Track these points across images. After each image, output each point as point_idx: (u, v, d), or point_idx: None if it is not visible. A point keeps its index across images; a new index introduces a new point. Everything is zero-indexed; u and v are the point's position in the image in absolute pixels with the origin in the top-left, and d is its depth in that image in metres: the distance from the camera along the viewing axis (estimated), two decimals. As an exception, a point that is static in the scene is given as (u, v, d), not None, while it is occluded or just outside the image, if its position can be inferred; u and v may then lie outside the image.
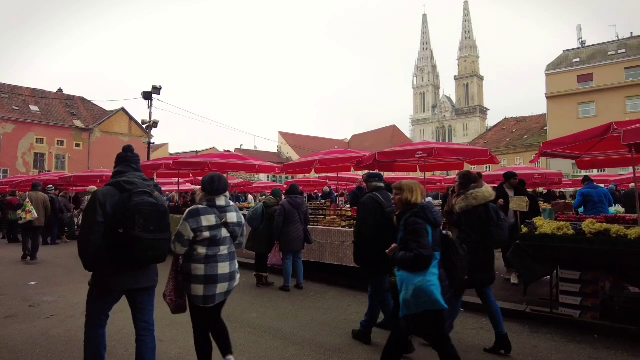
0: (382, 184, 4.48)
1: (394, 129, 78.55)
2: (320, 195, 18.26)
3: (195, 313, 3.31)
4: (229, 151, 12.18)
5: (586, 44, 41.14)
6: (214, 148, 53.54)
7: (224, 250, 3.30)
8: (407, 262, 3.01)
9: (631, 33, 39.13)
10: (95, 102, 43.97)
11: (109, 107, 44.02)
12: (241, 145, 60.77)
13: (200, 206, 3.30)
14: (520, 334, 4.76)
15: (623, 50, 36.96)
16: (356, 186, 11.00)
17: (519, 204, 5.63)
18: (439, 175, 17.12)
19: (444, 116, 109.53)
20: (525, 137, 46.73)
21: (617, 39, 39.29)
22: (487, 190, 4.18)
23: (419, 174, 9.73)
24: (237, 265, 3.48)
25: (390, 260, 3.31)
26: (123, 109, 42.63)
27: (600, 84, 35.69)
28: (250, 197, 19.77)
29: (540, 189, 19.87)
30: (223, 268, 3.26)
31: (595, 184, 8.46)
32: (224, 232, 3.30)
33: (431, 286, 2.94)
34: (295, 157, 58.30)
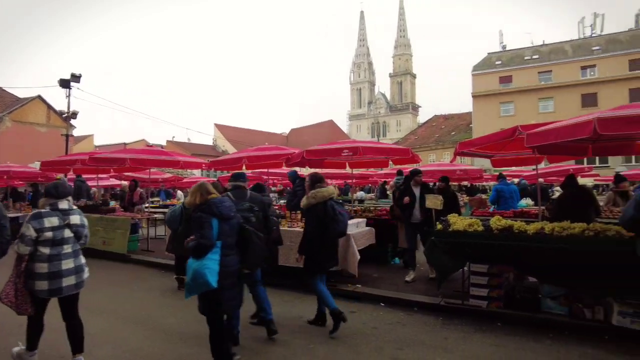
0: (240, 183, 4.64)
1: (331, 124, 79.57)
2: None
3: (36, 302, 3.60)
4: (151, 146, 11.53)
5: (507, 48, 44.40)
6: (143, 140, 50.69)
7: (67, 249, 3.68)
8: (191, 250, 3.44)
9: (543, 41, 42.90)
10: (6, 89, 39.52)
11: (24, 94, 39.71)
12: (173, 137, 57.81)
13: (43, 210, 3.66)
14: (433, 327, 5.00)
15: (537, 56, 40.43)
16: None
17: (434, 202, 5.92)
18: (372, 170, 17.57)
19: (379, 112, 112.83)
20: (453, 133, 49.57)
21: (532, 45, 42.85)
22: (327, 190, 4.78)
23: (348, 170, 9.88)
24: (83, 261, 3.87)
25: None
26: (39, 97, 38.69)
27: (518, 85, 38.78)
28: (179, 192, 18.88)
29: (466, 183, 21.36)
30: (67, 264, 3.65)
31: (507, 180, 9.21)
32: (67, 233, 3.68)
33: (205, 269, 3.32)
34: (232, 150, 56.94)
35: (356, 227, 6.63)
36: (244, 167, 9.37)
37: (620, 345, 4.30)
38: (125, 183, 15.32)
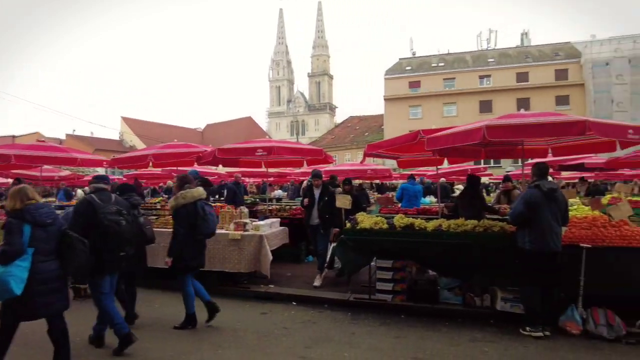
0: (103, 186, 4.44)
1: (249, 121, 78.27)
2: (163, 190, 17.03)
3: None
4: (43, 141, 10.32)
5: (416, 55, 47.46)
6: (37, 133, 45.35)
7: None
8: None
9: (448, 50, 46.64)
10: None
11: None
12: (74, 130, 52.46)
13: None
14: (342, 323, 5.16)
15: (442, 64, 43.84)
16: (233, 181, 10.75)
17: (343, 201, 6.13)
18: (289, 169, 17.61)
19: (298, 111, 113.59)
20: (366, 134, 51.76)
21: (438, 53, 46.36)
22: (196, 191, 4.88)
23: (263, 169, 9.79)
24: None
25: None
26: None
27: (426, 90, 41.70)
28: (79, 191, 17.16)
29: (377, 181, 22.48)
30: None
31: (414, 181, 9.95)
32: None
33: (8, 277, 3.25)
34: (140, 145, 53.27)
35: (269, 227, 6.59)
36: (150, 165, 8.81)
37: (502, 328, 4.83)
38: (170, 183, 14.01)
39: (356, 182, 14.57)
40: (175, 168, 8.87)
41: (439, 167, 8.05)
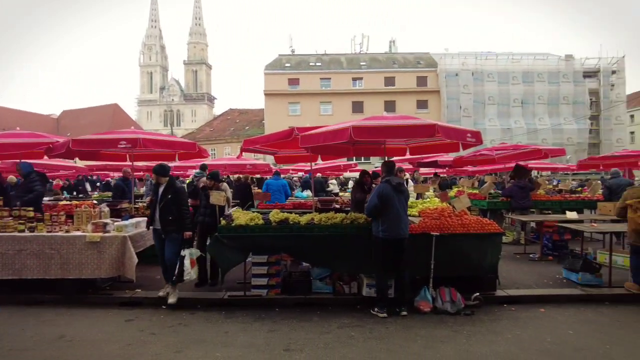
0: None
1: (115, 108, 70.90)
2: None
3: None
4: None
5: (295, 52, 48.46)
6: None
7: None
8: None
9: (325, 50, 48.67)
10: None
11: None
12: None
13: None
14: (216, 322, 5.03)
15: (320, 63, 45.60)
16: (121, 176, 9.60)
17: (217, 198, 5.97)
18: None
19: (173, 100, 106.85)
20: (247, 127, 51.20)
21: (316, 53, 48.08)
22: None
23: (129, 163, 8.97)
24: None
25: None
26: None
27: (304, 88, 42.91)
28: None
29: (258, 176, 22.44)
30: None
31: (278, 176, 10.51)
32: None
33: None
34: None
35: (134, 227, 6.07)
36: (-16, 157, 7.37)
37: (367, 312, 5.27)
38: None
39: (235, 176, 14.32)
40: (18, 161, 7.55)
41: (313, 163, 8.37)
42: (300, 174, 20.34)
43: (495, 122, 40.15)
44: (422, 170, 18.73)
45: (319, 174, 15.88)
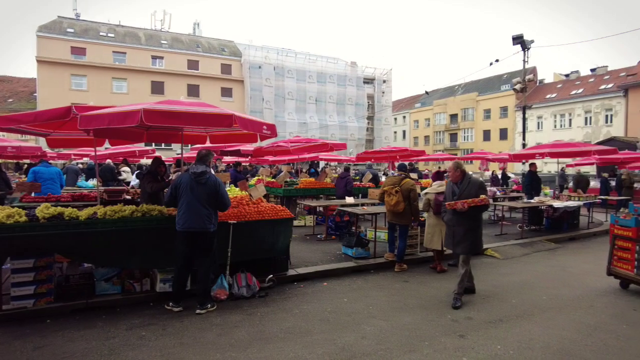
0: None
1: None
2: None
3: None
4: None
5: (81, 18, 41.34)
6: None
7: None
8: None
9: (119, 21, 43.16)
10: None
11: None
12: None
13: None
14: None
15: (112, 35, 40.14)
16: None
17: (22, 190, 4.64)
18: None
19: None
20: (11, 100, 41.22)
21: (108, 22, 42.09)
22: None
23: None
24: None
25: None
26: None
27: (92, 60, 37.11)
28: None
29: (27, 161, 18.36)
30: None
31: (47, 163, 8.86)
32: None
33: None
34: None
35: None
36: None
37: (161, 309, 5.01)
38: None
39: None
40: None
41: (99, 147, 7.34)
42: (85, 159, 17.66)
43: (293, 116, 43.44)
44: (226, 158, 18.83)
45: (109, 160, 14.09)
